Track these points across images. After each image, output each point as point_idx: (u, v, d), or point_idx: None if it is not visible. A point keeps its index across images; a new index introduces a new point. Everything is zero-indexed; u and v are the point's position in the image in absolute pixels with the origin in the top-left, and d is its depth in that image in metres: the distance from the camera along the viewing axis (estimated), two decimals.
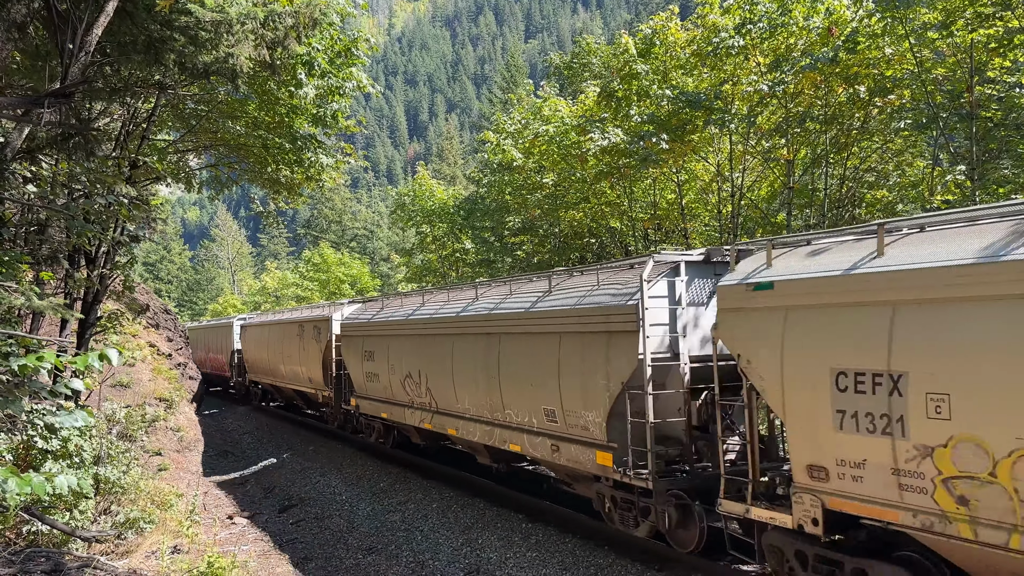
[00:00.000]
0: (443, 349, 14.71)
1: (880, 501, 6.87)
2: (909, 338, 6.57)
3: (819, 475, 7.48)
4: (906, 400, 6.56)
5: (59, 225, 11.93)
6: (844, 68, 15.58)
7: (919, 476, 6.52)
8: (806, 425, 7.53)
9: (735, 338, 8.42)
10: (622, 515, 10.81)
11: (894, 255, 6.98)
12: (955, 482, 6.29)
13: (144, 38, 8.82)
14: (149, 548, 9.62)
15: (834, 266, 7.46)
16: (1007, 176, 13.58)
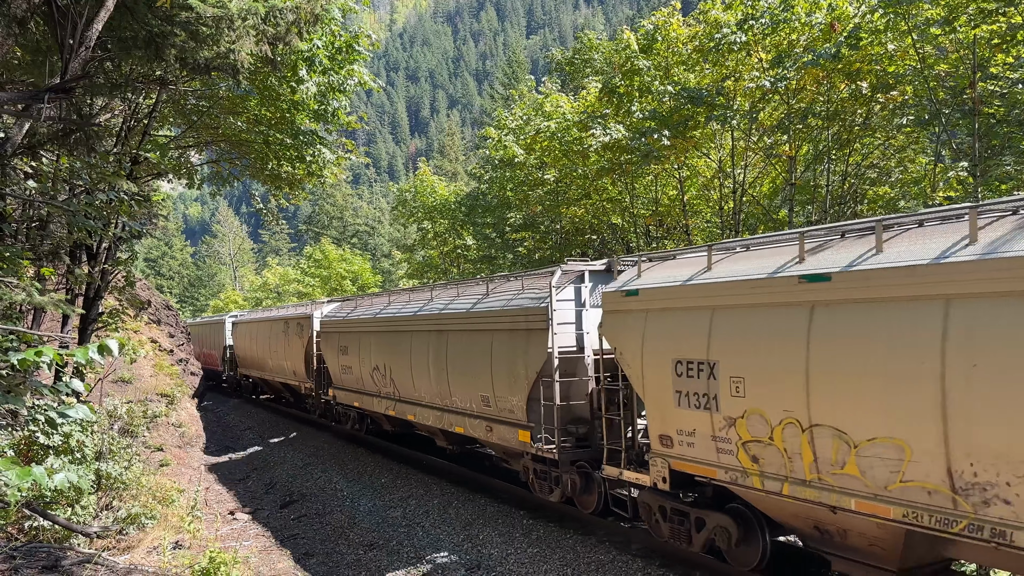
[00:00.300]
0: (403, 344, 16.37)
1: (705, 462, 8.85)
2: (720, 335, 8.48)
3: (667, 443, 9.42)
4: (718, 382, 8.53)
5: (60, 221, 11.94)
6: (846, 64, 15.55)
7: (728, 441, 8.48)
8: (658, 403, 9.45)
9: (613, 335, 10.29)
10: (540, 484, 12.65)
11: (719, 270, 8.86)
12: (749, 445, 8.18)
13: (145, 33, 8.81)
14: (151, 544, 9.64)
15: (680, 277, 9.32)
16: (1009, 172, 13.56)
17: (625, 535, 11.25)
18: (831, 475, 7.35)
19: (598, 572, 10.04)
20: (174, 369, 24.07)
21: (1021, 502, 5.87)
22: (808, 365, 7.44)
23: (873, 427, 6.91)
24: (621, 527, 11.41)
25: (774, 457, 7.88)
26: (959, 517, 6.30)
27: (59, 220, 11.93)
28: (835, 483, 7.31)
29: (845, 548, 7.88)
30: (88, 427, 9.92)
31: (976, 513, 6.19)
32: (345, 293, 47.59)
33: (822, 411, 7.32)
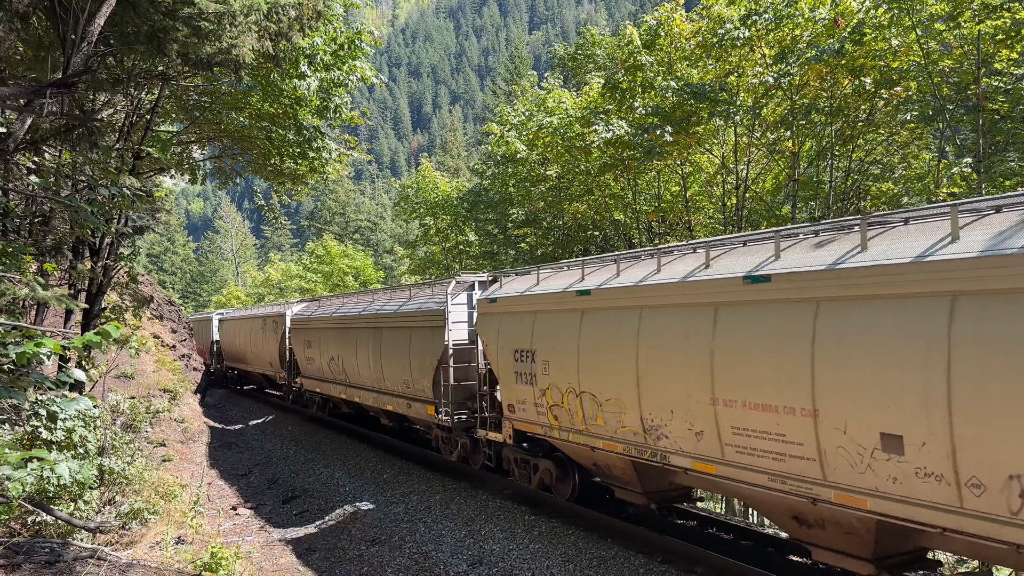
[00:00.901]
0: (351, 339, 19.68)
1: (532, 422, 12.25)
2: (538, 331, 11.81)
3: (512, 410, 12.78)
4: (536, 365, 11.86)
5: (63, 216, 11.94)
6: (850, 60, 15.50)
7: (542, 406, 11.83)
8: (506, 381, 12.82)
9: (482, 331, 13.67)
10: (444, 447, 16.28)
11: (543, 285, 12.09)
12: (553, 408, 11.52)
13: (147, 28, 8.80)
14: (153, 539, 9.65)
15: (520, 289, 12.64)
16: (1013, 168, 13.52)
17: (503, 483, 14.50)
18: (592, 426, 10.72)
19: (600, 567, 10.04)
20: (176, 364, 24.11)
21: (673, 436, 9.17)
22: (578, 352, 10.77)
23: (608, 391, 10.25)
24: (502, 479, 14.60)
25: (565, 415, 11.31)
26: (647, 448, 9.71)
27: (62, 216, 11.93)
28: (593, 431, 10.72)
29: (609, 477, 11.38)
30: (91, 422, 9.94)
31: (655, 445, 9.56)
32: (348, 289, 47.72)
33: (585, 382, 10.70)
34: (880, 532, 7.32)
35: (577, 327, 10.78)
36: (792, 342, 7.42)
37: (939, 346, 6.13)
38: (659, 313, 9.30)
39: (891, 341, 6.50)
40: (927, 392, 6.22)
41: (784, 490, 7.75)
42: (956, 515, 6.22)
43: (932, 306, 6.24)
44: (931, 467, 6.33)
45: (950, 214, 6.51)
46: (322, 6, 10.99)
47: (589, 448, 10.83)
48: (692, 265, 9.13)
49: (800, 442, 7.44)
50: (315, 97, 15.35)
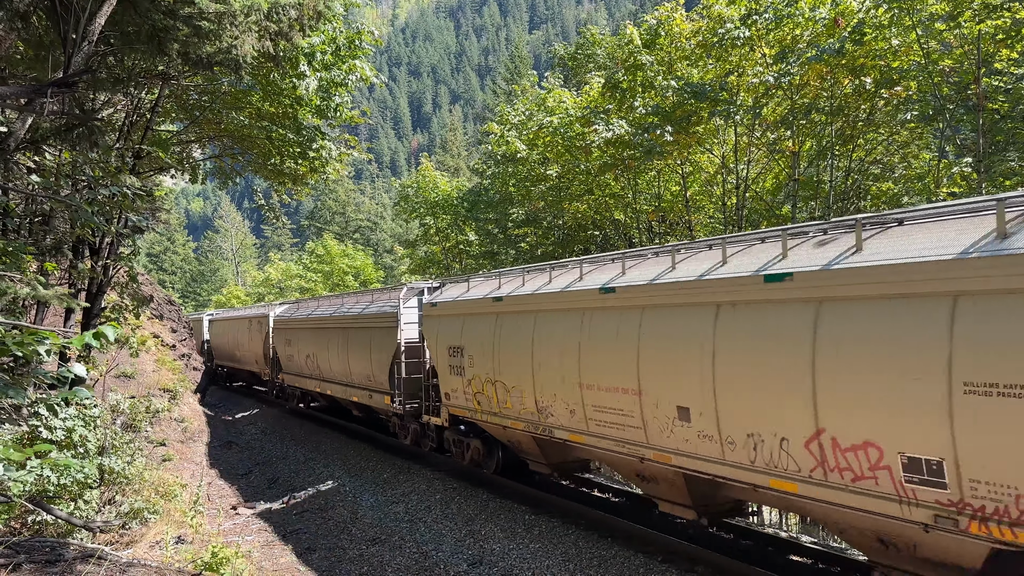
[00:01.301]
0: (324, 338, 21.93)
1: (462, 407, 14.41)
2: (466, 331, 13.88)
3: (447, 398, 14.95)
4: (464, 359, 13.91)
5: (63, 216, 11.93)
6: (850, 59, 15.50)
7: (469, 393, 13.95)
8: (443, 374, 14.92)
9: (426, 331, 15.74)
10: (400, 432, 18.57)
11: (472, 291, 14.30)
12: (476, 395, 13.68)
13: (147, 28, 8.79)
14: (153, 538, 9.65)
15: (455, 296, 14.77)
16: (1013, 168, 13.52)
17: (446, 461, 16.86)
18: (503, 408, 12.78)
19: (600, 567, 10.04)
20: (176, 364, 24.11)
21: (556, 414, 11.30)
22: (494, 348, 12.84)
23: (514, 380, 12.31)
24: (445, 458, 17.00)
25: (485, 400, 13.40)
26: (540, 424, 11.87)
27: (62, 215, 11.93)
28: (504, 412, 12.82)
29: (521, 451, 13.60)
30: (91, 422, 9.93)
31: (545, 422, 11.68)
32: (347, 288, 47.80)
33: (499, 373, 12.73)
34: (689, 483, 9.58)
35: (493, 327, 13.02)
36: (627, 339, 9.66)
37: (709, 342, 8.40)
38: (547, 316, 11.59)
39: (681, 338, 8.82)
40: (703, 375, 8.47)
41: (625, 452, 10.05)
42: (721, 465, 8.49)
43: (705, 312, 8.54)
44: (706, 430, 8.58)
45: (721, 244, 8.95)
46: (323, 6, 10.99)
47: (502, 427, 13.14)
48: (571, 278, 11.49)
49: (632, 414, 9.73)
50: (315, 97, 15.35)
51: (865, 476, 6.91)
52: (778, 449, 7.78)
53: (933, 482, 6.38)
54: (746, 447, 8.09)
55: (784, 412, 7.60)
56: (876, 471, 6.82)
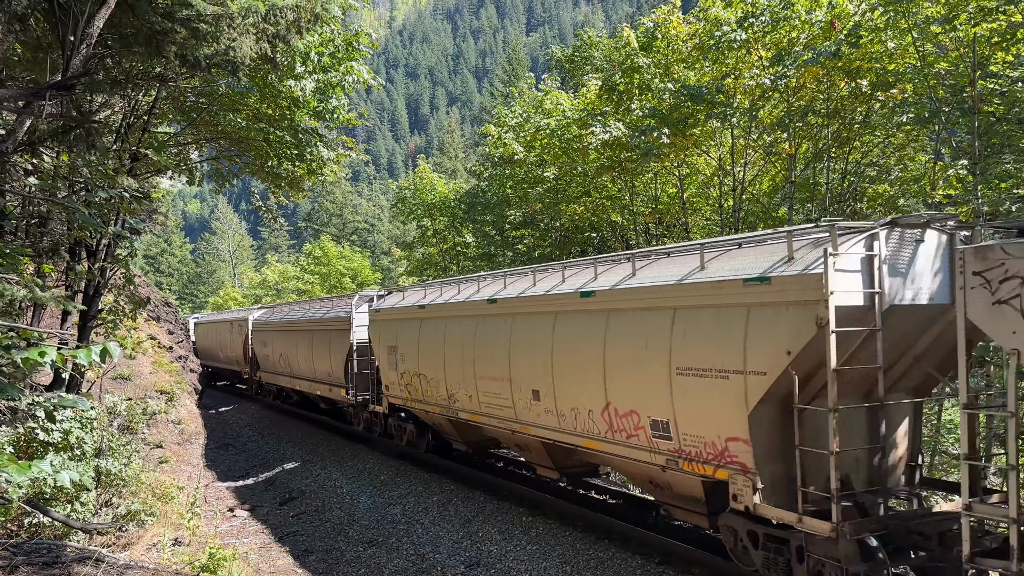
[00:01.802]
0: (293, 339, 25.09)
1: (397, 396, 17.04)
2: (400, 333, 16.62)
3: (387, 389, 17.72)
4: (398, 356, 16.57)
5: (60, 218, 11.93)
6: (846, 62, 15.54)
7: (402, 384, 16.47)
8: (383, 369, 17.70)
9: (372, 333, 18.63)
10: (354, 420, 21.25)
11: (406, 300, 17.08)
12: (407, 386, 16.24)
13: (145, 30, 8.81)
14: (150, 540, 9.65)
15: (393, 303, 17.68)
16: (1009, 171, 13.55)
17: (390, 444, 19.15)
18: (426, 396, 15.52)
19: (598, 569, 10.06)
20: (173, 366, 24.10)
21: (461, 400, 13.99)
22: (418, 347, 15.67)
23: (432, 372, 15.04)
24: (390, 441, 19.18)
25: (413, 390, 16.13)
26: (451, 408, 14.53)
27: (59, 217, 11.92)
28: (426, 400, 15.54)
29: (443, 432, 16.35)
30: (87, 424, 9.93)
31: (453, 407, 14.49)
32: (345, 291, 47.88)
33: (422, 367, 15.52)
34: (548, 449, 12.29)
35: (418, 330, 15.83)
36: (503, 339, 12.50)
37: (549, 341, 11.24)
38: (453, 321, 14.41)
39: (535, 338, 11.59)
40: (546, 366, 11.27)
41: (504, 427, 12.88)
42: (559, 432, 11.36)
43: (545, 319, 11.46)
44: (549, 407, 11.42)
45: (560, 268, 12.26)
46: (320, 8, 11.00)
47: (426, 411, 15.88)
48: (472, 290, 14.22)
49: (506, 397, 12.48)
50: (312, 99, 15.35)
51: (633, 434, 9.78)
52: (588, 418, 10.64)
53: (666, 436, 9.24)
54: (571, 418, 11.01)
55: (590, 392, 10.44)
56: (638, 430, 9.69)
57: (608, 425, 10.15)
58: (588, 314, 10.51)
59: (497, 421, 12.94)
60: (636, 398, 9.56)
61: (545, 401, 11.40)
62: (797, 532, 7.87)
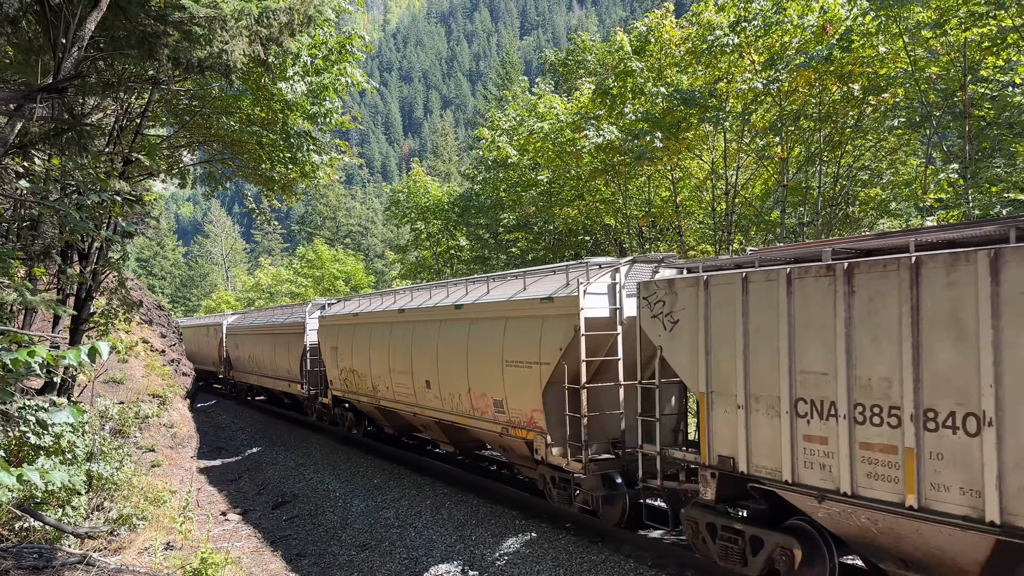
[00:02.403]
0: (260, 341, 28.43)
1: (338, 389, 20.23)
2: (340, 336, 19.74)
3: (331, 384, 20.71)
4: (339, 355, 19.73)
5: (52, 221, 11.88)
6: (838, 66, 15.61)
7: (341, 379, 19.74)
8: (328, 366, 20.63)
9: (321, 338, 21.55)
10: (308, 411, 24.58)
11: (346, 308, 20.57)
12: (345, 380, 19.46)
13: (138, 33, 8.79)
14: (142, 544, 9.60)
15: (337, 311, 21.06)
16: (1000, 175, 13.63)
17: (336, 431, 22.41)
18: (357, 388, 18.38)
19: (591, 572, 10.06)
20: (166, 370, 23.99)
21: (381, 390, 17.30)
22: (352, 347, 18.58)
23: (362, 368, 17.97)
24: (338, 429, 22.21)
25: (350, 384, 19.10)
26: (376, 398, 17.67)
27: (51, 220, 11.88)
28: (358, 391, 18.59)
29: (375, 419, 19.27)
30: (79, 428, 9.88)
31: (376, 395, 17.84)
32: (338, 294, 47.87)
33: (355, 364, 18.56)
34: (443, 428, 15.38)
35: (352, 334, 18.87)
36: (408, 341, 15.76)
37: (435, 342, 14.49)
38: (377, 327, 17.57)
39: (429, 340, 14.82)
40: (434, 361, 14.45)
41: (410, 411, 16.18)
42: (444, 413, 14.54)
43: (434, 325, 14.79)
44: (437, 394, 14.52)
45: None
46: (313, 11, 10.99)
47: (359, 401, 19.13)
48: (389, 302, 17.90)
49: (409, 386, 15.75)
50: (305, 102, 15.33)
51: (485, 411, 13.02)
52: (459, 401, 13.80)
53: (501, 411, 12.50)
54: (450, 401, 14.15)
55: (460, 381, 13.65)
56: (487, 408, 12.90)
57: (471, 405, 13.45)
58: (459, 322, 13.89)
59: (406, 406, 16.21)
60: (485, 384, 12.88)
61: (434, 389, 14.66)
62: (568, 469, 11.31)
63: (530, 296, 11.86)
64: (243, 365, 31.47)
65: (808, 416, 7.57)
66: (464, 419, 13.70)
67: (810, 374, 7.54)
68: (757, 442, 8.18)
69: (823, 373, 7.40)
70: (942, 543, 6.56)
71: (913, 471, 6.52)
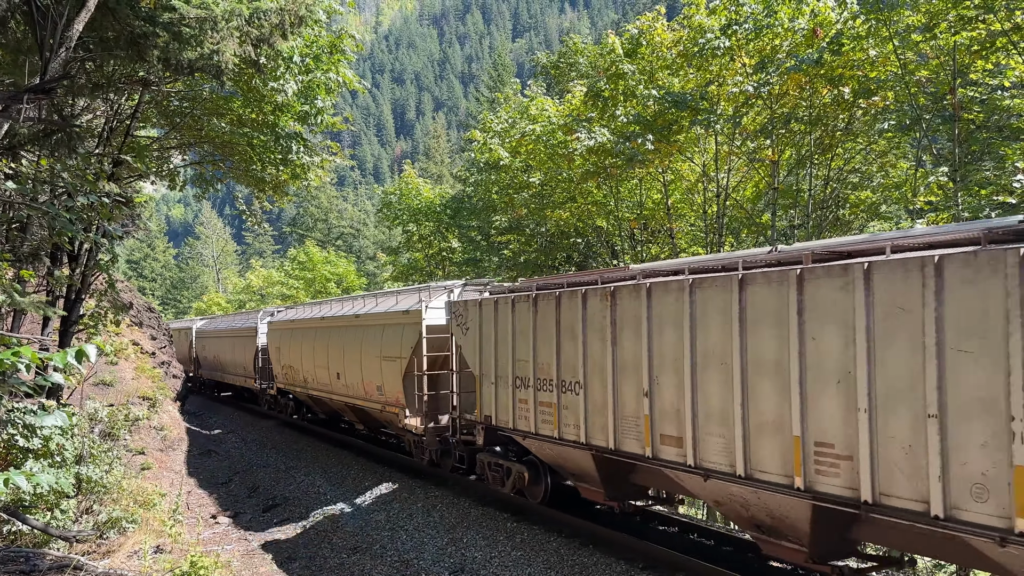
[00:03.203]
0: (221, 343, 32.99)
1: (282, 382, 24.77)
2: (283, 339, 24.07)
3: (276, 378, 25.45)
4: (281, 353, 24.17)
5: (40, 223, 11.81)
6: (829, 70, 15.67)
7: (283, 373, 24.23)
8: (274, 363, 25.09)
9: (268, 339, 26.04)
10: (261, 402, 29.02)
11: (288, 315, 25.70)
12: (286, 374, 24.01)
13: (127, 34, 8.75)
14: (131, 548, 9.54)
15: (282, 317, 25.83)
16: (988, 178, 13.70)
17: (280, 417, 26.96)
18: (296, 380, 22.95)
19: (582, 574, 10.05)
20: (156, 372, 23.89)
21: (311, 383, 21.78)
22: (290, 347, 22.90)
23: (297, 364, 22.50)
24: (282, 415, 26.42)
25: (289, 378, 23.44)
26: (308, 388, 22.29)
27: (39, 222, 11.80)
28: (295, 382, 23.23)
29: (312, 407, 24.18)
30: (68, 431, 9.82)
31: (308, 387, 22.15)
32: (330, 295, 47.88)
33: (292, 361, 22.93)
34: (353, 410, 19.61)
35: (290, 336, 23.21)
36: (328, 342, 19.68)
37: (341, 342, 18.95)
38: (309, 331, 21.42)
39: (340, 343, 18.97)
40: (340, 356, 18.97)
41: (328, 397, 20.36)
42: (350, 398, 18.95)
43: (343, 330, 19.07)
44: (344, 382, 18.89)
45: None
46: (304, 11, 10.97)
47: (295, 391, 23.23)
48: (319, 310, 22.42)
49: (327, 378, 19.81)
50: (296, 103, 15.28)
51: (373, 395, 17.25)
52: (358, 387, 17.96)
53: (381, 393, 16.62)
54: (353, 388, 18.26)
55: (357, 372, 17.93)
56: (374, 392, 17.19)
57: (364, 390, 17.65)
58: (356, 327, 18.28)
59: (326, 393, 20.40)
60: (371, 374, 17.20)
61: (342, 379, 18.83)
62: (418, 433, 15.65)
63: (397, 309, 16.57)
64: (210, 364, 36.19)
65: (520, 387, 11.97)
66: (361, 401, 18.15)
67: (519, 361, 11.97)
68: (500, 406, 12.57)
69: (525, 360, 11.81)
70: (575, 458, 10.96)
71: (556, 417, 11.04)
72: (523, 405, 11.77)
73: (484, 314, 12.89)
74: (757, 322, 7.77)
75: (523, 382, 11.74)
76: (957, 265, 6.02)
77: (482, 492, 14.46)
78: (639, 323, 9.40)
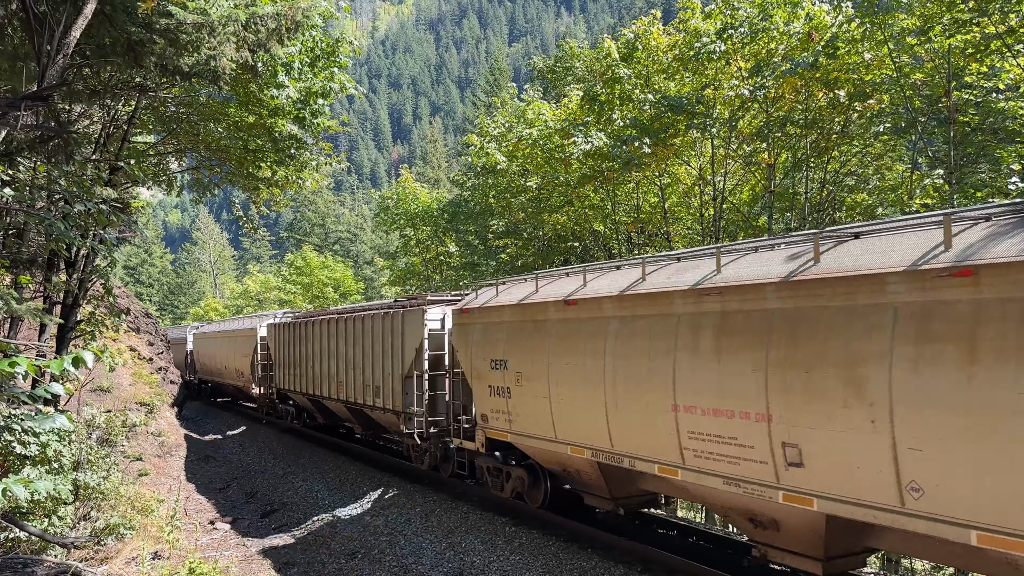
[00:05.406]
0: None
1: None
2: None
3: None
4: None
5: (37, 229, 11.80)
6: (824, 73, 15.72)
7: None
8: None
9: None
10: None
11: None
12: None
13: (124, 40, 8.76)
14: (129, 554, 9.53)
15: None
16: (984, 180, 13.75)
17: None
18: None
19: None
20: (153, 378, 23.86)
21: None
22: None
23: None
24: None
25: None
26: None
27: (36, 228, 11.79)
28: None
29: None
30: (66, 437, 9.80)
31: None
32: (327, 301, 48.07)
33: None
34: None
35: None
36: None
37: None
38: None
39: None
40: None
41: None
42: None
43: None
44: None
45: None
46: (301, 16, 10.98)
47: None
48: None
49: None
50: (293, 109, 15.28)
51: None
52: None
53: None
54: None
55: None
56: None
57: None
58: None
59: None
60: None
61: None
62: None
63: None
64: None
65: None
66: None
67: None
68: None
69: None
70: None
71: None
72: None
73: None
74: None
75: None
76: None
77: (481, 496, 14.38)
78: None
